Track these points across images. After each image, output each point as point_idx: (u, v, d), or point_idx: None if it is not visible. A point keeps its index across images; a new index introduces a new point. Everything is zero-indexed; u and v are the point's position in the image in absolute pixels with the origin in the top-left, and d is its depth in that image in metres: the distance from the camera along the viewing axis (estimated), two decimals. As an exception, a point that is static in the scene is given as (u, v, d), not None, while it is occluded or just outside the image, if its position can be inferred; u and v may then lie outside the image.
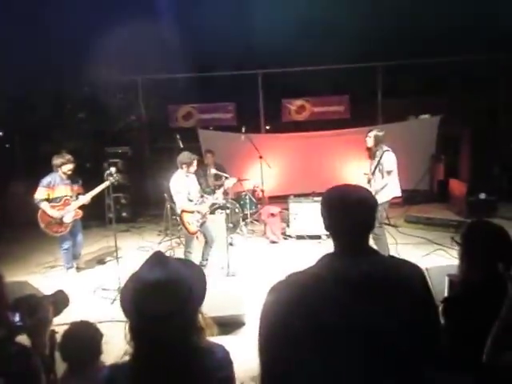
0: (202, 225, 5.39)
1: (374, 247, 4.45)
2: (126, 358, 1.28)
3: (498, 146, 9.70)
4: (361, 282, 1.37)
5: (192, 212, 5.28)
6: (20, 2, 8.58)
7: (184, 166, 5.28)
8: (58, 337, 1.92)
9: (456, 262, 5.52)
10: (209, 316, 1.38)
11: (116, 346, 3.77)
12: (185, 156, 5.35)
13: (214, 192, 6.83)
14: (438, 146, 9.50)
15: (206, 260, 5.57)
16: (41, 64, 8.69)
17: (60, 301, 1.79)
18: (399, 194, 5.54)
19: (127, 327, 1.26)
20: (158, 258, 1.31)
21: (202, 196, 5.53)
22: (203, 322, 1.33)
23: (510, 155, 9.42)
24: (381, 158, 5.26)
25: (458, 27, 8.98)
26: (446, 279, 1.96)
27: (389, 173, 5.23)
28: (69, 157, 5.53)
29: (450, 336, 1.73)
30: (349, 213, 1.45)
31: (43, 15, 8.65)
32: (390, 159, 5.26)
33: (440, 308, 1.78)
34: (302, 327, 1.33)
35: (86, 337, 2.08)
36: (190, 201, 5.31)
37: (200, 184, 5.82)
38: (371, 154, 5.42)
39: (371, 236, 4.52)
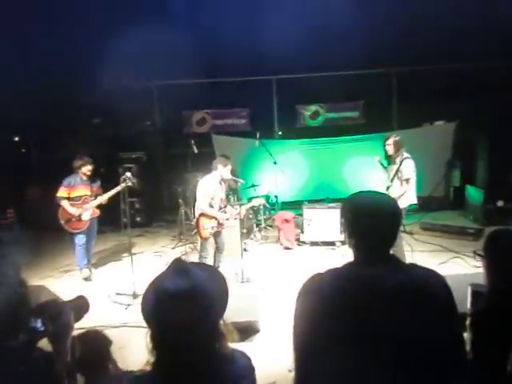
0: (216, 232, 5.37)
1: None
2: (148, 367, 1.27)
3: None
4: (385, 290, 1.38)
5: (210, 218, 5.26)
6: (34, 8, 8.71)
7: (221, 166, 5.26)
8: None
9: (473, 270, 5.47)
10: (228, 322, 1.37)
11: (132, 350, 3.77)
12: (221, 158, 5.41)
13: (227, 196, 6.84)
14: (455, 151, 9.39)
15: (218, 266, 5.55)
16: (56, 69, 8.82)
17: (81, 306, 1.80)
18: (415, 201, 5.50)
19: (148, 336, 1.25)
20: (179, 267, 1.29)
21: (225, 206, 5.48)
22: (224, 328, 1.31)
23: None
24: (400, 165, 5.23)
25: (474, 32, 8.89)
26: (469, 289, 1.91)
27: (407, 181, 5.20)
28: (87, 159, 5.86)
29: (476, 348, 1.69)
30: (378, 224, 1.44)
31: (58, 20, 8.78)
32: (408, 167, 5.23)
33: (467, 321, 1.74)
34: (330, 333, 1.35)
35: (94, 346, 2.07)
36: (211, 207, 5.28)
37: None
38: (391, 160, 5.40)
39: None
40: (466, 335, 1.70)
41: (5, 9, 8.09)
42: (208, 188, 5.22)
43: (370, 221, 1.45)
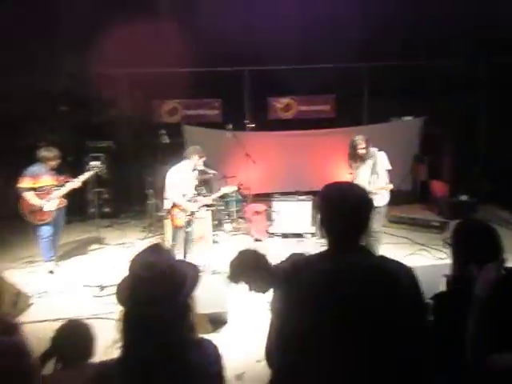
0: (188, 222, 5.34)
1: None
2: (115, 349, 1.27)
3: (478, 148, 9.90)
4: (354, 279, 1.41)
5: (182, 209, 5.23)
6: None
7: (196, 156, 5.19)
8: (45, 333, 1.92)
9: (439, 262, 5.63)
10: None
11: (99, 342, 3.71)
12: (197, 148, 5.34)
13: (199, 186, 6.78)
14: (421, 146, 9.62)
15: (186, 256, 5.51)
16: (21, 53, 8.47)
17: None
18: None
19: (120, 316, 1.27)
20: (155, 247, 1.35)
21: (197, 194, 5.45)
22: (196, 318, 1.33)
23: (489, 158, 9.61)
24: (375, 159, 5.23)
25: (443, 30, 9.10)
26: (443, 279, 1.98)
27: (388, 171, 5.26)
28: (56, 153, 5.53)
29: (438, 334, 1.74)
30: (350, 212, 1.47)
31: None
32: (386, 158, 5.25)
33: (430, 304, 1.81)
34: (307, 319, 1.39)
35: (81, 335, 2.10)
36: (183, 195, 5.24)
37: None
38: (362, 159, 5.25)
39: (373, 237, 4.57)
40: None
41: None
42: (176, 178, 5.17)
43: (343, 211, 1.48)
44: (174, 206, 5.20)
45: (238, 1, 9.54)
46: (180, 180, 5.19)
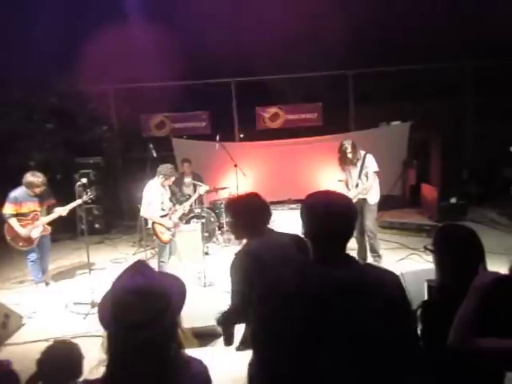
0: (174, 235, 5.34)
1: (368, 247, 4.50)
2: (101, 368, 1.25)
3: (466, 151, 10.00)
4: (336, 288, 1.40)
5: (162, 224, 5.23)
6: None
7: (162, 176, 5.21)
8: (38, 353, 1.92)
9: (430, 266, 5.64)
10: (187, 328, 1.36)
11: (89, 361, 3.65)
12: (167, 168, 5.32)
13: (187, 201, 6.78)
14: (410, 151, 9.69)
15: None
16: (7, 72, 8.45)
17: None
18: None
19: (105, 337, 1.24)
20: (137, 267, 1.30)
21: (174, 205, 5.47)
22: (182, 336, 1.30)
23: (477, 161, 9.71)
24: (363, 161, 5.36)
25: (429, 35, 9.24)
26: (425, 284, 1.97)
27: (376, 173, 5.39)
28: (42, 179, 5.28)
29: (426, 341, 1.73)
30: (333, 221, 1.45)
31: (9, 22, 8.42)
32: (373, 160, 5.42)
33: (418, 312, 1.79)
34: (287, 329, 1.39)
35: (66, 356, 2.08)
36: (163, 210, 5.25)
37: (175, 193, 5.75)
38: (352, 163, 5.43)
39: (369, 235, 4.69)
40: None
41: None
42: (152, 196, 5.18)
43: (326, 220, 1.46)
44: (154, 223, 5.21)
45: (224, 14, 9.63)
46: (156, 197, 5.20)
